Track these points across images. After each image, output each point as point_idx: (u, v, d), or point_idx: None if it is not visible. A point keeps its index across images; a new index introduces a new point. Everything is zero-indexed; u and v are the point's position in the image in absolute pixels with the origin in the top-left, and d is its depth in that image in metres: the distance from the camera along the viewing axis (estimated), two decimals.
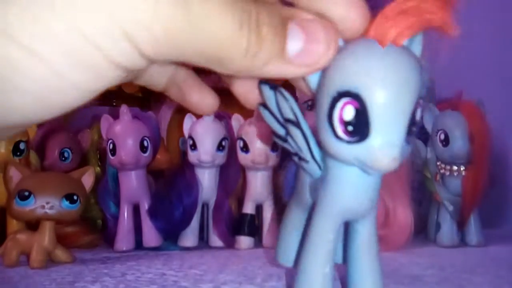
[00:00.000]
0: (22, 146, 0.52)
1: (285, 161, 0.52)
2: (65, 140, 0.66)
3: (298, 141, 0.22)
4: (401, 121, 0.18)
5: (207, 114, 0.23)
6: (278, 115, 0.22)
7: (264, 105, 0.22)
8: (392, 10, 0.18)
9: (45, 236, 0.44)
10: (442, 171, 0.56)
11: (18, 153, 0.51)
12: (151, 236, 0.54)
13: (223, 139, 0.55)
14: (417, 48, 0.20)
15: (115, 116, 0.55)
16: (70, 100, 0.15)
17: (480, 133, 0.53)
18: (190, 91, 0.22)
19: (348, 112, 0.18)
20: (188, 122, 0.56)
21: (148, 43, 0.15)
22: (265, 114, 0.22)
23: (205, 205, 0.58)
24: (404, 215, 0.52)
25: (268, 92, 0.21)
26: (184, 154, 0.59)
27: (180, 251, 0.54)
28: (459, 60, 0.82)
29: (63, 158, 0.66)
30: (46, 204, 0.43)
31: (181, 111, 0.82)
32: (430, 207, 0.61)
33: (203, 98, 0.22)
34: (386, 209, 0.53)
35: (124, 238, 0.54)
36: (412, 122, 0.18)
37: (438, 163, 0.57)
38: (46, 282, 0.38)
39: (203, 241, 0.59)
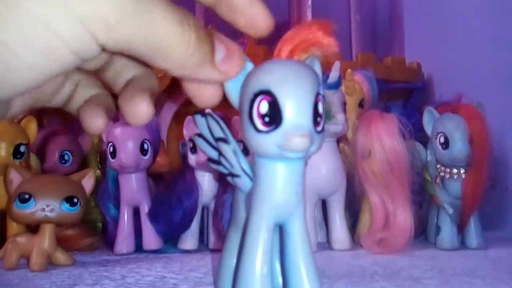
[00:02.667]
0: (22, 149, 0.52)
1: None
2: (65, 143, 0.67)
3: (229, 157, 0.26)
4: (304, 107, 0.23)
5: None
6: (210, 139, 0.26)
7: (199, 134, 0.26)
8: (287, 36, 0.25)
9: (45, 239, 0.44)
10: (442, 174, 0.56)
11: (19, 156, 0.51)
12: (151, 239, 0.54)
13: None
14: (317, 67, 0.26)
15: (116, 118, 0.55)
16: (26, 80, 0.17)
17: (479, 136, 0.53)
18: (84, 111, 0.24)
19: (263, 106, 0.23)
20: (188, 125, 0.56)
21: (102, 31, 0.17)
22: (200, 142, 0.26)
23: (205, 208, 0.58)
24: (404, 218, 0.52)
25: (200, 120, 0.25)
26: (184, 157, 0.59)
27: (180, 254, 0.54)
28: (459, 63, 0.83)
29: (63, 161, 0.66)
30: (46, 206, 0.43)
31: (181, 114, 0.82)
32: (430, 210, 0.61)
33: (93, 119, 0.24)
34: (386, 211, 0.53)
35: (124, 241, 0.54)
36: (316, 113, 0.23)
37: (438, 166, 0.57)
38: (46, 285, 0.38)
39: (203, 244, 0.59)
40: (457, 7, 0.86)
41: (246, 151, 0.56)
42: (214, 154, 0.26)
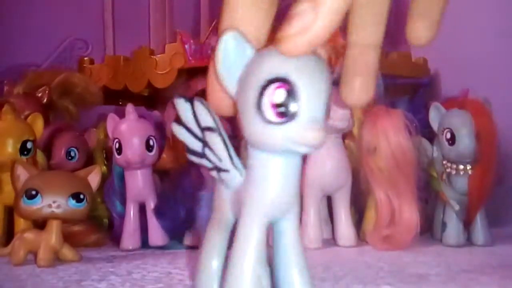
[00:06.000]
0: (29, 145, 0.52)
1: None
2: (71, 139, 0.67)
3: (217, 149, 0.23)
4: (321, 100, 0.21)
5: None
6: (195, 128, 0.23)
7: (178, 121, 0.23)
8: None
9: (52, 235, 0.45)
10: (448, 170, 0.56)
11: (25, 152, 0.52)
12: (157, 235, 0.55)
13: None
14: None
15: (121, 115, 0.55)
16: None
17: (486, 132, 0.53)
18: None
19: (279, 95, 0.20)
20: None
21: None
22: (179, 131, 0.23)
23: None
24: (410, 214, 0.52)
25: (183, 105, 0.23)
26: None
27: (185, 250, 0.55)
28: (465, 58, 0.82)
29: (70, 157, 0.66)
30: (53, 203, 0.43)
31: None
32: (436, 206, 0.60)
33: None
34: (392, 208, 0.53)
35: (130, 237, 0.55)
36: (327, 106, 0.22)
37: (444, 162, 0.57)
38: (53, 281, 0.38)
39: None
40: (463, 1, 0.85)
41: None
42: (197, 146, 0.23)
